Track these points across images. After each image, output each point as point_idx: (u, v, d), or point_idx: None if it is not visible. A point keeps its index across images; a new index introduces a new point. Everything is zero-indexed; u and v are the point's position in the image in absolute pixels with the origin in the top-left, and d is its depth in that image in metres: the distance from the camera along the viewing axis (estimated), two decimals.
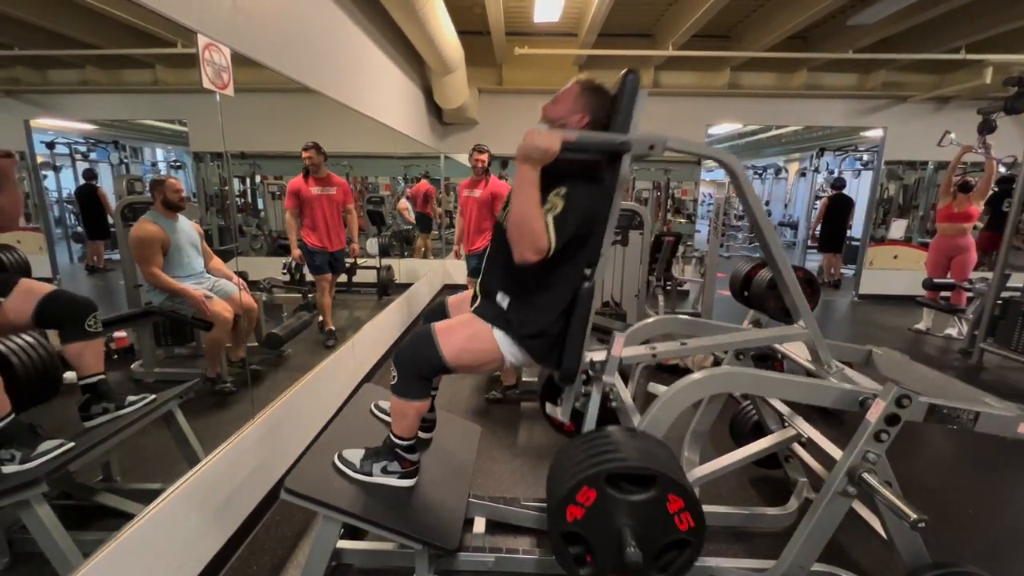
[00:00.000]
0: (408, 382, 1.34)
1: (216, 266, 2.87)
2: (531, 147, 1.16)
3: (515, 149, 1.19)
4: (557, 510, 1.14)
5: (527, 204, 1.18)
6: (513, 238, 1.21)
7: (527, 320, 1.33)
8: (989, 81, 4.71)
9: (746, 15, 4.44)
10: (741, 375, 1.34)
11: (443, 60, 3.75)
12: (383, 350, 3.54)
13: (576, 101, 1.32)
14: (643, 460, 1.14)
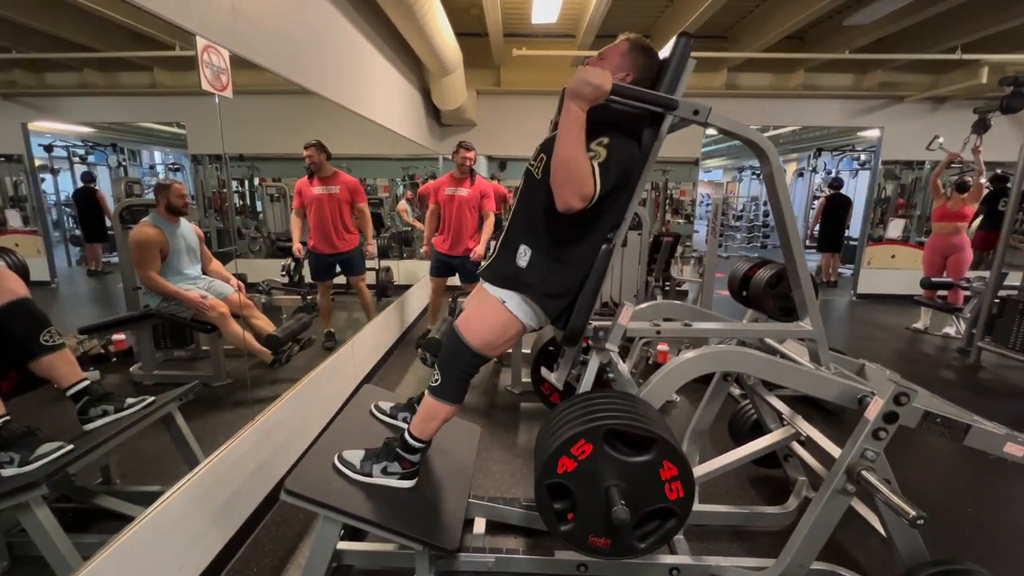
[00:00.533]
0: (450, 383, 1.36)
1: (215, 268, 2.87)
2: (583, 81, 1.12)
3: (514, 151, 1.19)
4: (549, 460, 1.14)
5: (575, 145, 1.13)
6: (558, 180, 1.16)
7: (550, 277, 1.32)
8: (985, 81, 4.73)
9: (743, 16, 4.45)
10: (746, 355, 1.34)
11: (441, 62, 3.76)
12: (383, 351, 3.54)
13: (623, 58, 1.31)
14: (644, 422, 1.14)
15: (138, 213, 2.72)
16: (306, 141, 3.33)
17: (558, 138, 1.16)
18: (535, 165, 1.37)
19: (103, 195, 3.47)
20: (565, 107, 1.15)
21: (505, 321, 1.36)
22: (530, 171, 1.38)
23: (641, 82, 1.29)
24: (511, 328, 1.38)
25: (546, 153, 1.34)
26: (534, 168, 1.37)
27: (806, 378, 1.32)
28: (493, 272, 1.40)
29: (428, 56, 3.61)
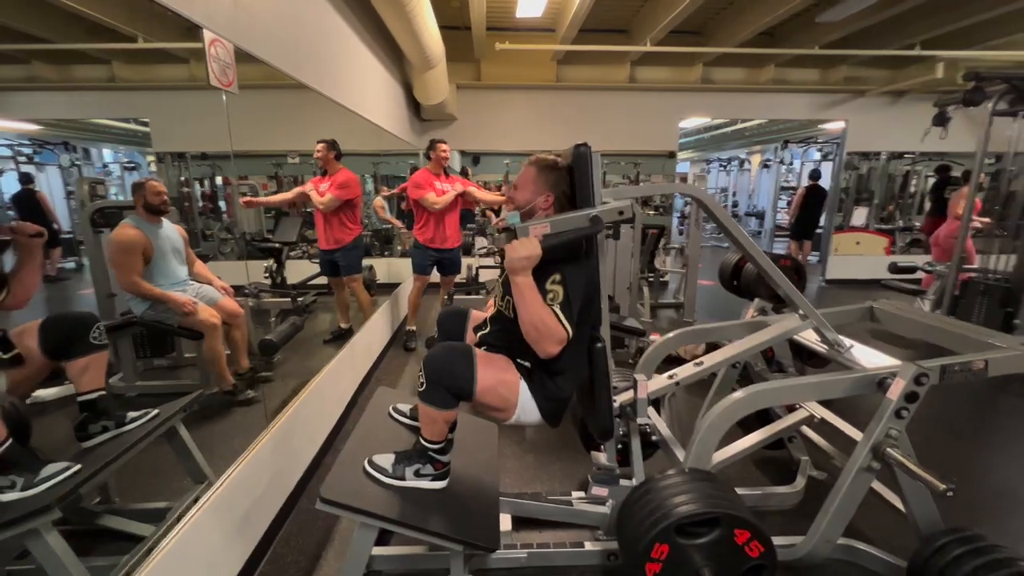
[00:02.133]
0: (436, 391, 1.33)
1: (200, 271, 2.75)
2: (517, 259, 1.24)
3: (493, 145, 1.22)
4: (638, 566, 1.20)
5: (535, 307, 1.25)
6: (532, 339, 1.28)
7: (549, 386, 1.40)
8: (940, 75, 5.02)
9: (718, 11, 4.56)
10: (771, 390, 1.41)
11: (426, 56, 3.69)
12: (377, 351, 3.48)
13: (536, 183, 1.41)
14: (702, 503, 1.19)
15: (112, 215, 2.58)
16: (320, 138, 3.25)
17: (518, 308, 1.27)
18: (503, 304, 1.47)
19: (44, 196, 3.26)
20: (512, 282, 1.26)
21: (511, 400, 1.39)
22: (501, 311, 1.48)
23: (562, 195, 1.42)
24: (505, 403, 1.40)
25: (510, 295, 1.38)
26: (504, 308, 1.46)
27: (827, 387, 1.39)
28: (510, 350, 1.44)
29: (413, 50, 3.54)
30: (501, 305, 1.49)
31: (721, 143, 11.86)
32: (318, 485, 2.05)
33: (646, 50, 4.51)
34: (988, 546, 1.26)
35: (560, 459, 2.28)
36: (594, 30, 4.75)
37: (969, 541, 1.28)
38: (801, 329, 1.65)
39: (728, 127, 9.25)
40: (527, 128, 5.70)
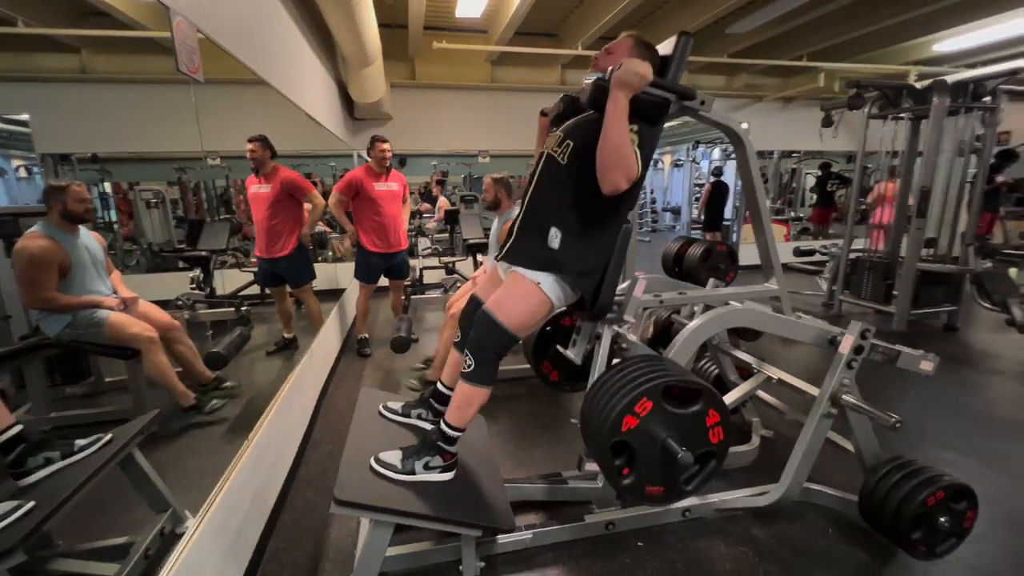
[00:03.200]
0: (484, 367, 1.36)
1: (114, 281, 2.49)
2: (632, 72, 1.22)
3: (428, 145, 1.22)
4: (615, 420, 1.24)
5: (624, 132, 1.24)
6: (609, 164, 1.25)
7: (584, 257, 1.41)
8: (822, 84, 5.79)
9: (641, 19, 4.90)
10: (752, 311, 1.57)
11: (365, 52, 3.59)
12: (332, 359, 3.34)
13: (631, 53, 1.42)
14: (689, 375, 1.29)
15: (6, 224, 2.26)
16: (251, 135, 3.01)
17: (608, 124, 1.25)
18: (559, 151, 1.44)
19: None
20: (612, 96, 1.24)
21: (540, 302, 1.42)
22: (552, 157, 1.45)
23: None
24: (543, 308, 1.44)
25: (573, 139, 1.42)
26: (558, 154, 1.43)
27: (793, 326, 1.58)
28: (523, 256, 1.44)
29: (352, 45, 3.43)
30: (556, 151, 1.43)
31: None
32: (297, 498, 1.95)
33: (578, 53, 4.73)
34: (919, 468, 1.52)
35: (538, 444, 2.35)
36: (525, 33, 4.89)
37: (905, 466, 1.54)
38: (770, 292, 1.85)
39: None
40: (463, 128, 5.72)
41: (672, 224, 11.49)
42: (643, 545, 1.69)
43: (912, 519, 1.45)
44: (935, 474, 1.48)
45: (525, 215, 1.50)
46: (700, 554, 1.65)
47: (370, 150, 3.38)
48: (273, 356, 3.46)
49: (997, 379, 3.15)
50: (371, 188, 3.31)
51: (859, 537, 1.71)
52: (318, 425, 2.55)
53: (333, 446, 2.35)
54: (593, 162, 1.33)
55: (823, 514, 1.81)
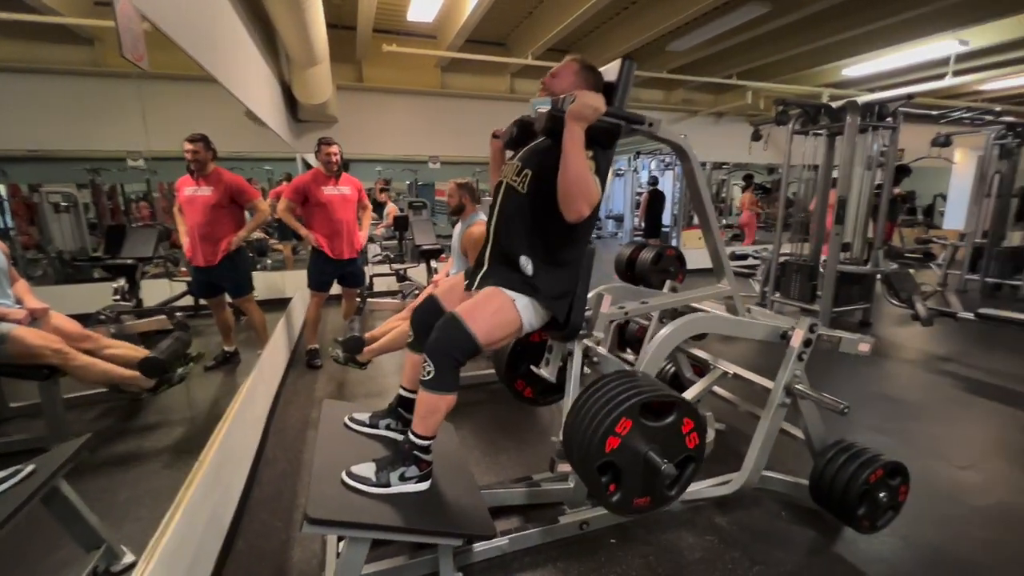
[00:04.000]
0: (445, 374, 1.31)
1: (20, 291, 2.25)
2: (587, 105, 1.26)
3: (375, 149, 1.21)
4: (598, 443, 1.26)
5: (583, 162, 1.28)
6: (572, 194, 1.29)
7: (557, 281, 1.44)
8: (749, 101, 6.26)
9: (586, 34, 5.08)
10: (712, 318, 1.66)
11: (312, 51, 3.46)
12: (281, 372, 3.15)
13: (576, 76, 1.46)
14: (665, 391, 1.33)
15: None
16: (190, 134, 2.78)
17: (567, 157, 1.29)
18: (518, 180, 1.47)
19: None
20: (569, 129, 1.28)
21: (511, 319, 1.43)
22: (512, 187, 1.48)
23: None
24: (513, 326, 1.44)
25: (530, 168, 1.45)
26: (517, 183, 1.47)
27: (748, 327, 1.69)
28: (499, 280, 1.45)
29: (299, 43, 3.29)
30: (515, 181, 1.46)
31: None
32: (253, 522, 1.82)
33: (527, 63, 4.81)
34: (860, 449, 1.67)
35: (504, 450, 2.34)
36: (475, 41, 4.92)
37: (848, 448, 1.68)
38: (723, 293, 1.96)
39: None
40: (412, 133, 5.64)
41: (615, 231, 11.91)
42: (616, 542, 1.73)
43: (857, 497, 1.58)
44: (874, 454, 1.63)
45: (493, 245, 1.52)
46: (670, 545, 1.71)
47: (317, 153, 3.25)
48: (213, 371, 3.21)
49: (907, 367, 3.52)
50: (320, 193, 3.17)
51: (808, 517, 1.84)
52: (270, 442, 2.39)
53: (288, 464, 2.21)
54: (553, 189, 1.36)
55: (775, 498, 1.94)
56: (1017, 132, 5.35)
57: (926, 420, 2.68)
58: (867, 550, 1.68)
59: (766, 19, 4.11)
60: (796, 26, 4.48)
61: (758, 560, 1.63)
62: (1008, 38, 4.63)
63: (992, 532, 1.79)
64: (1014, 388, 3.12)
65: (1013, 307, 5.05)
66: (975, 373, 3.38)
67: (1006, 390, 3.10)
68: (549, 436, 2.44)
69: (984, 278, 5.72)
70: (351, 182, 3.35)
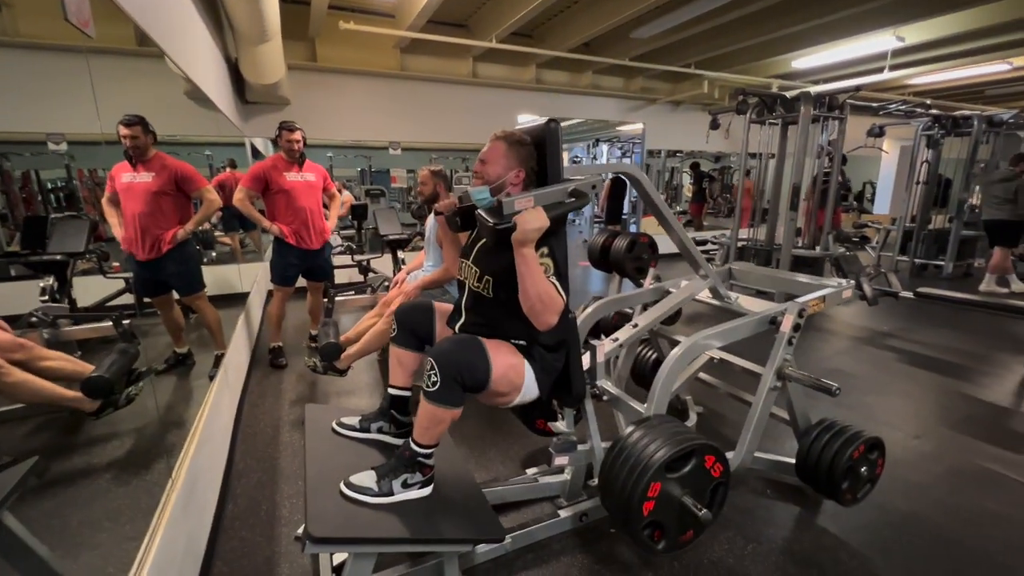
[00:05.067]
0: (451, 389, 1.24)
1: None
2: (531, 231, 1.22)
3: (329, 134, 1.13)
4: (636, 510, 1.31)
5: (540, 279, 1.25)
6: (536, 311, 1.26)
7: (549, 360, 1.44)
8: (706, 91, 6.42)
9: (550, 18, 5.00)
10: (707, 337, 1.67)
11: (263, 26, 3.19)
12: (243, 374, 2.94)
13: (507, 157, 1.41)
14: (680, 442, 1.36)
15: None
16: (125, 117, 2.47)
17: (523, 281, 1.25)
18: (480, 287, 1.43)
19: None
20: (519, 254, 1.24)
21: (518, 384, 1.39)
22: (478, 292, 1.44)
23: (530, 171, 1.43)
24: (516, 392, 1.40)
25: (490, 276, 1.40)
26: (481, 288, 1.43)
27: (743, 328, 1.72)
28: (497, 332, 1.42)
29: (249, 15, 3.01)
30: (478, 287, 1.43)
31: None
32: (231, 540, 1.68)
33: (491, 46, 4.68)
34: (842, 427, 1.75)
35: (494, 445, 2.29)
36: (436, 22, 4.73)
37: (831, 427, 1.76)
38: (702, 288, 1.99)
39: None
40: (370, 117, 5.38)
41: (573, 218, 12.02)
42: (615, 531, 1.73)
43: (843, 472, 1.66)
44: (856, 432, 1.72)
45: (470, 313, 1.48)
46: None
47: (277, 139, 3.02)
48: (164, 376, 2.95)
49: (856, 344, 3.77)
50: (283, 180, 2.96)
51: (791, 493, 1.93)
52: (239, 451, 2.22)
53: (262, 473, 2.06)
54: (516, 287, 1.31)
55: (758, 476, 2.01)
56: (942, 124, 5.80)
57: (878, 393, 2.88)
58: (848, 521, 1.77)
59: (726, 9, 4.19)
60: (753, 17, 4.61)
61: (751, 538, 1.69)
62: (938, 35, 4.98)
63: (952, 495, 1.94)
64: (948, 359, 3.42)
65: (938, 285, 5.54)
66: (915, 347, 3.67)
67: (942, 361, 3.38)
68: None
69: (913, 259, 6.21)
70: (315, 169, 3.14)
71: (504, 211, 1.27)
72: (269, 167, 2.96)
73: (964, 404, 2.75)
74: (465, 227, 1.55)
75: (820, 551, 1.64)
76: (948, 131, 5.81)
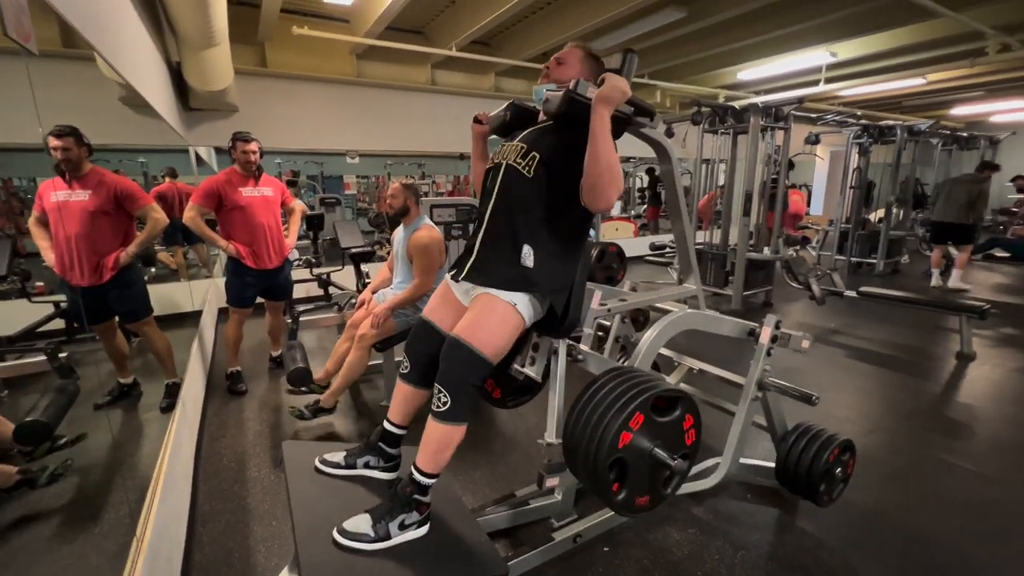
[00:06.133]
0: (463, 402, 1.22)
1: None
2: (616, 88, 1.21)
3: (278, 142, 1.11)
4: (612, 438, 1.23)
5: (612, 149, 1.22)
6: (603, 183, 1.22)
7: (558, 274, 1.37)
8: (659, 100, 6.65)
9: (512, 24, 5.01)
10: (696, 315, 1.71)
11: (209, 29, 3.00)
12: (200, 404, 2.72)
13: (582, 63, 1.43)
14: (670, 386, 1.34)
15: None
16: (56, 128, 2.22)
17: (597, 144, 1.21)
18: (523, 163, 1.36)
19: None
20: (598, 113, 1.21)
21: (516, 324, 1.35)
22: (516, 169, 1.37)
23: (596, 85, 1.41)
24: (517, 330, 1.36)
25: (538, 151, 1.36)
26: (522, 166, 1.36)
27: (723, 324, 1.76)
28: (493, 277, 1.35)
29: (195, 19, 2.82)
30: (519, 164, 1.35)
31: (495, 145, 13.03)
32: None
33: (450, 54, 4.63)
34: (818, 431, 1.83)
35: (476, 465, 2.24)
36: (393, 28, 4.62)
37: (807, 431, 1.84)
38: (689, 292, 2.02)
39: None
40: (323, 124, 5.18)
41: None
42: (608, 550, 1.73)
43: (820, 475, 1.73)
44: (829, 435, 1.80)
45: (488, 232, 1.40)
46: (659, 544, 1.75)
47: (231, 151, 2.83)
48: (106, 410, 2.69)
49: None
50: (238, 196, 2.77)
51: (770, 496, 1.99)
52: (202, 492, 2.05)
53: (231, 515, 1.91)
54: (562, 175, 1.31)
55: (736, 481, 2.07)
56: (870, 133, 6.29)
57: (833, 390, 3.05)
58: (823, 520, 1.86)
59: (680, 24, 4.35)
60: (702, 33, 4.82)
61: (739, 545, 1.73)
62: (866, 52, 5.40)
63: (912, 487, 2.08)
64: (892, 354, 3.68)
65: (872, 281, 5.98)
66: (861, 343, 3.93)
67: (886, 356, 3.64)
68: (516, 446, 2.39)
69: (849, 258, 6.68)
70: (272, 183, 2.97)
71: (578, 89, 1.25)
72: (223, 182, 2.77)
73: (910, 397, 2.96)
74: (508, 131, 1.55)
75: (802, 553, 1.71)
76: (875, 139, 6.31)
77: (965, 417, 2.71)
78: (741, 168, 4.72)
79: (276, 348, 3.38)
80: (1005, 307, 4.88)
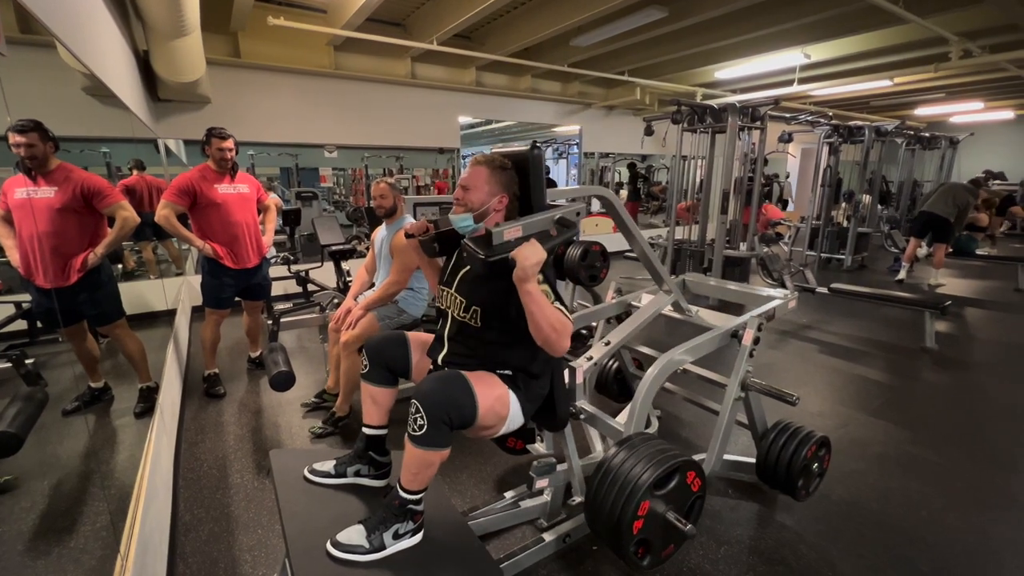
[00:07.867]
0: (439, 430, 1.19)
1: None
2: (531, 267, 1.18)
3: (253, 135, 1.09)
4: (627, 529, 1.34)
5: (549, 309, 1.20)
6: (552, 340, 1.21)
7: (534, 387, 1.41)
8: (639, 97, 6.70)
9: (490, 21, 4.96)
10: (679, 354, 1.74)
11: (182, 18, 2.87)
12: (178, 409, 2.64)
13: (490, 183, 1.38)
14: (663, 460, 1.41)
15: None
16: (18, 123, 2.09)
17: (533, 316, 1.20)
18: (467, 316, 1.39)
19: None
20: (524, 291, 1.20)
21: (504, 416, 1.35)
22: (463, 322, 1.40)
23: (513, 196, 1.41)
24: (503, 423, 1.37)
25: (478, 305, 1.37)
26: (467, 319, 1.39)
27: (708, 344, 1.82)
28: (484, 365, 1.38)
29: (164, 6, 2.70)
30: (464, 317, 1.38)
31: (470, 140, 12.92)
32: None
33: (431, 48, 4.56)
34: (796, 428, 1.89)
35: (462, 467, 2.25)
36: (373, 20, 4.52)
37: (785, 429, 1.90)
38: (666, 303, 2.07)
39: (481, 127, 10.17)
40: (299, 116, 5.04)
41: None
42: (597, 548, 1.76)
43: (799, 471, 1.80)
44: (807, 432, 1.87)
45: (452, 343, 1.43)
46: None
47: (205, 147, 2.74)
48: (75, 416, 2.59)
49: (783, 338, 4.12)
50: (213, 192, 2.69)
51: (749, 491, 2.06)
52: (182, 500, 2.00)
53: (214, 524, 1.87)
54: (508, 316, 1.32)
55: (720, 477, 2.13)
56: (840, 133, 6.49)
57: (806, 384, 3.17)
58: (801, 513, 1.93)
59: (661, 23, 4.38)
60: (681, 32, 4.87)
61: (723, 541, 1.79)
62: (837, 54, 5.56)
63: (882, 479, 2.17)
64: (860, 348, 3.83)
65: (840, 276, 6.18)
66: (831, 338, 4.08)
67: (855, 351, 3.79)
68: None
69: (820, 253, 6.91)
70: (248, 180, 2.89)
71: (494, 241, 1.23)
72: (197, 178, 2.68)
73: (878, 391, 3.09)
74: (442, 253, 1.50)
75: (782, 546, 1.77)
76: (845, 139, 6.51)
77: (928, 410, 2.85)
78: (719, 165, 4.81)
79: (255, 349, 3.31)
80: (962, 302, 5.14)
